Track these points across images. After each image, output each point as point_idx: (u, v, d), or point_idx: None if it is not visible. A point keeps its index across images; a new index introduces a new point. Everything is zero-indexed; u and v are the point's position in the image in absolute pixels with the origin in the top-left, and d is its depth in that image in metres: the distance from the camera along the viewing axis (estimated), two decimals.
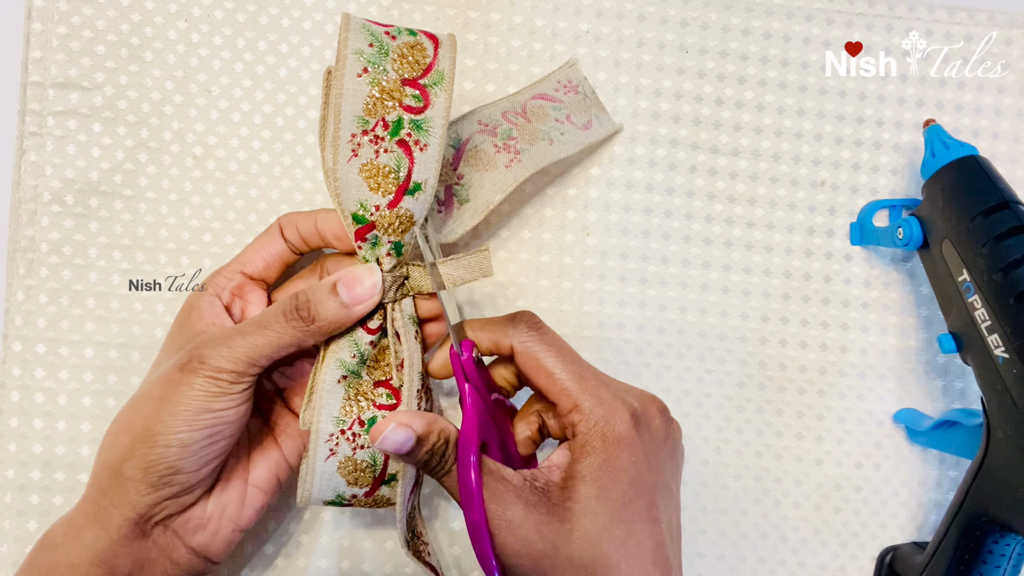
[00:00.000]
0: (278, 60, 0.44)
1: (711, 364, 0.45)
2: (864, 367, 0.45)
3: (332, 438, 0.34)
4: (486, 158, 0.39)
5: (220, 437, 0.34)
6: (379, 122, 0.34)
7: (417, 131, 0.34)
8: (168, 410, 0.33)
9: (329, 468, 0.34)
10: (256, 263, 0.38)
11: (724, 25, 0.46)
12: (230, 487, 0.36)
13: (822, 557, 0.45)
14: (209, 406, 0.33)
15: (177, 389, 0.33)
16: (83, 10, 0.42)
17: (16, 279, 0.42)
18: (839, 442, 0.45)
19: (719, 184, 0.46)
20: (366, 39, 0.34)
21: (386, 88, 0.33)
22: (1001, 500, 0.37)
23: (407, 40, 0.34)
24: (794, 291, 0.46)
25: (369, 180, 0.34)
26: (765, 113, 0.46)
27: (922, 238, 0.41)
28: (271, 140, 0.44)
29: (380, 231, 0.35)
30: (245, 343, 0.33)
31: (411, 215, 0.35)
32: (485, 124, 0.41)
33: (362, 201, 0.34)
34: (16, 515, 0.41)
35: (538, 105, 0.42)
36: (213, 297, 0.37)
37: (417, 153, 0.34)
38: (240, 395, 0.34)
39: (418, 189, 0.34)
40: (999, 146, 0.46)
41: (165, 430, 0.32)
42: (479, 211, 0.38)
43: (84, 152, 0.42)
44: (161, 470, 0.33)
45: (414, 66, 0.34)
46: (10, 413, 0.42)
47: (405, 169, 0.34)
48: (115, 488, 0.33)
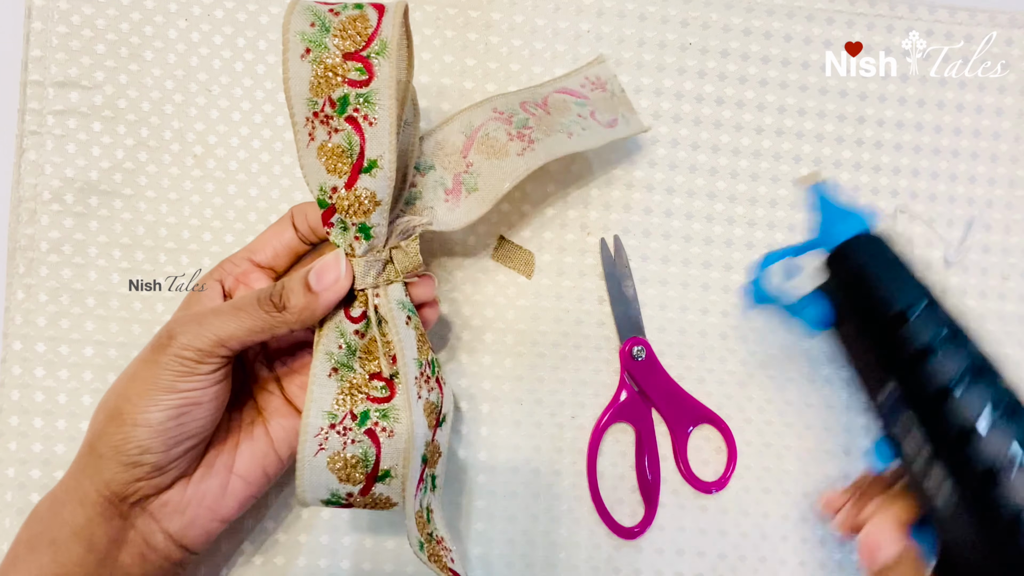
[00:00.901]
0: (278, 59, 0.44)
1: (712, 363, 0.45)
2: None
3: (322, 432, 0.34)
4: (498, 145, 0.38)
5: (190, 419, 0.33)
6: (326, 101, 0.33)
7: (365, 105, 0.33)
8: (135, 388, 0.33)
9: (319, 463, 0.33)
10: (265, 251, 0.38)
11: (725, 25, 0.46)
12: (211, 474, 0.36)
13: (823, 556, 0.45)
14: (174, 385, 0.33)
15: (146, 367, 0.33)
16: (83, 9, 0.42)
17: (16, 278, 0.42)
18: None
19: (720, 183, 0.46)
20: (307, 19, 0.33)
21: (329, 65, 0.33)
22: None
23: (351, 14, 0.33)
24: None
25: (327, 163, 0.33)
26: (766, 113, 0.46)
27: (833, 318, 0.36)
28: (271, 139, 0.44)
29: (341, 213, 0.34)
30: (216, 323, 0.33)
31: (372, 194, 0.34)
32: (500, 112, 0.40)
33: (321, 184, 0.34)
34: (16, 513, 0.41)
35: (561, 99, 0.41)
36: (215, 283, 0.37)
37: (367, 128, 0.33)
38: (207, 376, 0.33)
39: (374, 166, 0.33)
40: (1000, 146, 0.46)
41: (132, 409, 0.33)
42: (487, 200, 0.37)
43: (84, 151, 0.42)
44: (130, 448, 0.33)
45: (355, 38, 0.33)
46: (10, 411, 0.41)
47: (357, 147, 0.33)
48: (91, 465, 0.33)
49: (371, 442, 0.34)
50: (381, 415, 0.34)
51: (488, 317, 0.44)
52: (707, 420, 0.45)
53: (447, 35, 0.45)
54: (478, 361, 0.44)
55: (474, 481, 0.44)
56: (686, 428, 0.44)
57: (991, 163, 0.46)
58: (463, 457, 0.44)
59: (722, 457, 0.45)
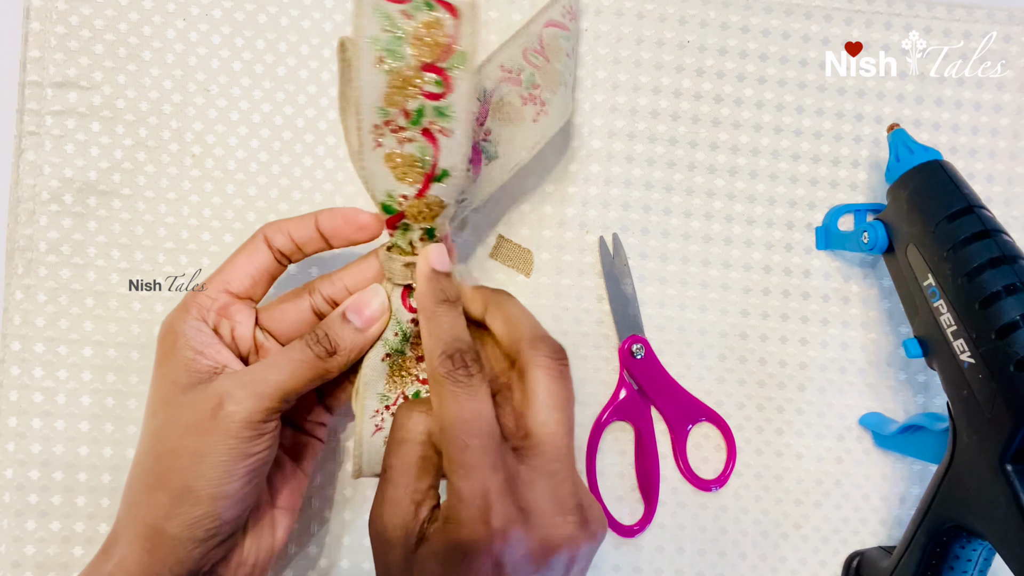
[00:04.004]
0: (276, 59, 0.44)
1: (711, 361, 0.45)
2: (866, 364, 0.45)
3: (377, 414, 0.35)
4: (514, 111, 0.39)
5: (257, 477, 0.33)
6: (400, 112, 0.32)
7: (440, 118, 0.33)
8: (208, 463, 0.32)
9: (376, 442, 0.35)
10: (241, 280, 0.36)
11: (723, 22, 0.46)
12: (261, 518, 0.36)
13: (823, 554, 0.45)
14: (248, 451, 0.32)
15: (213, 439, 0.32)
16: (81, 9, 0.42)
17: (14, 278, 0.42)
18: (839, 438, 0.45)
19: (718, 181, 0.46)
20: (380, 23, 0.32)
21: (405, 76, 0.32)
22: (967, 506, 0.36)
23: (425, 18, 0.32)
24: (794, 288, 0.45)
25: (395, 170, 0.33)
26: (764, 110, 0.46)
27: (887, 243, 0.41)
28: (269, 139, 0.44)
29: (410, 219, 0.34)
30: (273, 379, 0.33)
31: (440, 201, 0.34)
32: (508, 69, 0.39)
33: (389, 191, 0.34)
34: (15, 515, 0.41)
35: (552, 35, 0.41)
36: (198, 321, 0.35)
37: (442, 140, 0.33)
38: (274, 434, 0.33)
39: (445, 176, 0.34)
40: (998, 143, 0.46)
41: (208, 485, 0.32)
42: (508, 169, 0.38)
43: (82, 151, 0.42)
44: (207, 524, 0.32)
45: (433, 48, 0.32)
46: (8, 412, 0.41)
47: (431, 157, 0.33)
48: (161, 547, 0.32)
49: None
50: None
51: None
52: (706, 418, 0.45)
53: None
54: None
55: None
56: (685, 426, 0.44)
57: (989, 160, 0.46)
58: None
59: (721, 455, 0.45)
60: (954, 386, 0.37)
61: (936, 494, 0.38)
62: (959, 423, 0.37)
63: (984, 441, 0.35)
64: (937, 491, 0.38)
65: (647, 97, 0.45)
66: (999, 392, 0.34)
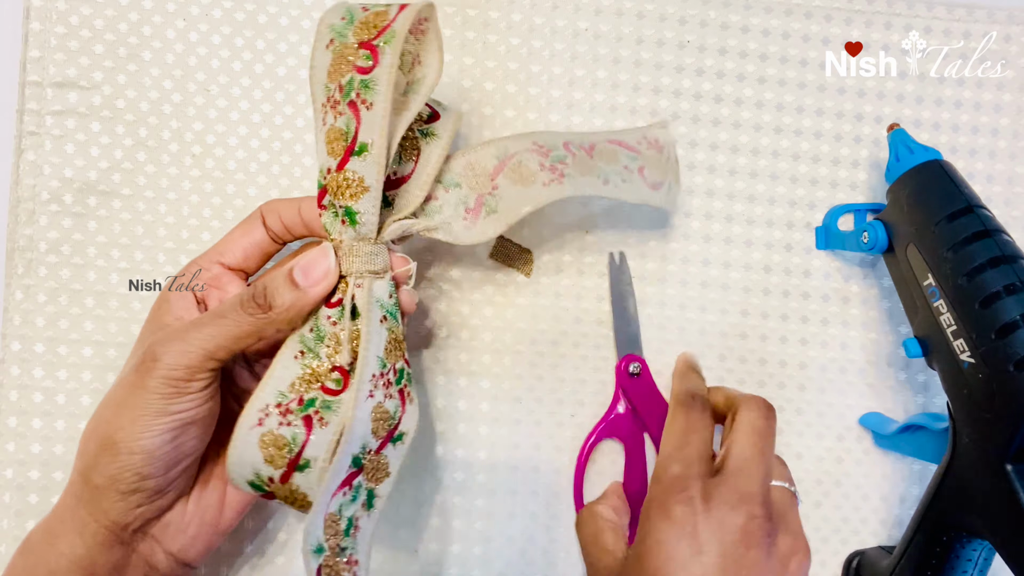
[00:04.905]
0: (276, 59, 0.44)
1: (711, 361, 0.45)
2: (866, 363, 0.45)
3: (267, 408, 0.33)
4: (527, 173, 0.38)
5: (186, 438, 0.33)
6: (337, 86, 0.34)
7: (365, 90, 0.33)
8: (127, 416, 0.32)
9: (252, 438, 0.33)
10: (235, 253, 0.37)
11: (723, 22, 0.46)
12: (208, 489, 0.36)
13: (823, 554, 0.45)
14: (167, 408, 0.32)
15: (134, 393, 0.32)
16: (81, 9, 0.42)
17: (14, 278, 0.42)
18: (839, 438, 0.45)
19: (718, 181, 0.46)
20: (340, 14, 0.34)
21: (343, 53, 0.33)
22: (967, 506, 0.37)
23: (378, 10, 0.34)
24: (794, 288, 0.46)
25: (327, 145, 0.34)
26: (764, 110, 0.46)
27: (887, 242, 0.41)
28: (269, 139, 0.44)
29: (331, 194, 0.34)
30: (200, 335, 0.32)
31: (361, 178, 0.33)
32: (540, 145, 0.39)
33: (320, 166, 0.34)
34: (15, 515, 0.41)
35: (611, 149, 0.40)
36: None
37: (364, 112, 0.33)
38: (201, 394, 0.33)
39: (364, 150, 0.33)
40: (998, 142, 0.46)
41: (126, 437, 0.32)
42: (504, 221, 0.37)
43: (82, 151, 0.42)
44: (128, 478, 0.32)
45: (371, 29, 0.33)
46: (8, 412, 0.41)
47: (352, 130, 0.33)
48: (87, 496, 0.32)
49: (304, 428, 0.33)
50: (325, 406, 0.33)
51: (487, 316, 0.44)
52: None
53: (445, 33, 0.45)
54: (477, 359, 0.44)
55: (474, 480, 0.44)
56: None
57: (989, 160, 0.46)
58: (462, 456, 0.44)
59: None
60: (954, 386, 0.37)
61: (936, 494, 0.38)
62: (959, 423, 0.37)
63: (984, 441, 0.35)
64: (937, 491, 0.38)
65: (647, 97, 0.45)
66: (999, 392, 0.34)
